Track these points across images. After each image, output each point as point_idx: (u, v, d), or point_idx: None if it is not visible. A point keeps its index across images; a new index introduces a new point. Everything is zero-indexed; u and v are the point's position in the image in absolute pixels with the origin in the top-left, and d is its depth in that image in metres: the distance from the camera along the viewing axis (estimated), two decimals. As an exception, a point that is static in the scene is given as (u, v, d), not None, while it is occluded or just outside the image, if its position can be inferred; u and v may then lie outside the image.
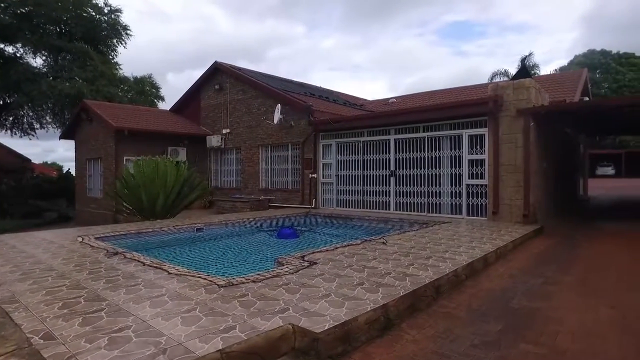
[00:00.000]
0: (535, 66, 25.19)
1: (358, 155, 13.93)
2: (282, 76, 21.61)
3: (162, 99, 31.12)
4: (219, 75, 19.55)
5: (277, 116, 15.74)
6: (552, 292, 5.02)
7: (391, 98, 22.70)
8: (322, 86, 24.50)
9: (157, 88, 31.78)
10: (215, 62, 19.43)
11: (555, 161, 12.77)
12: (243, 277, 4.84)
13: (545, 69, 56.26)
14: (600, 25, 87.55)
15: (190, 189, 13.91)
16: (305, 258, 6.01)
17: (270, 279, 4.83)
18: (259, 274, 5.01)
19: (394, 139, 12.93)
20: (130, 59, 71.38)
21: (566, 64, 56.57)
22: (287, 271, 5.17)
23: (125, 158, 17.43)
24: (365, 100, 24.88)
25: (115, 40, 27.45)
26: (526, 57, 11.27)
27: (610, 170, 45.83)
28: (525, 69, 10.91)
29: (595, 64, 53.28)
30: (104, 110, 17.95)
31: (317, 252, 6.48)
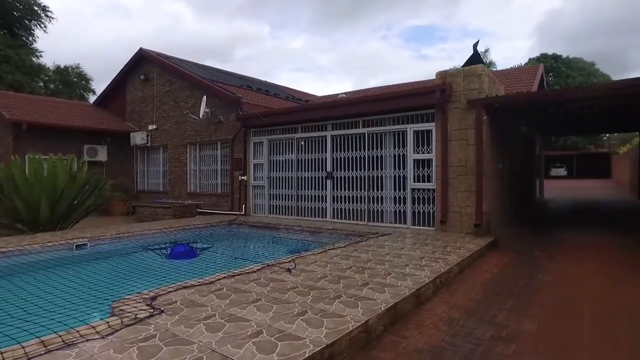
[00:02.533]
0: (492, 64, 24.17)
1: (292, 154, 12.08)
2: (242, 74, 19.52)
3: (94, 92, 28.07)
4: (144, 64, 17.22)
5: (202, 110, 13.65)
6: (505, 358, 3.31)
7: (341, 93, 21.02)
8: (284, 85, 22.60)
9: (87, 80, 28.59)
10: (140, 49, 17.09)
11: (511, 162, 11.38)
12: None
13: (502, 71, 56.54)
14: (552, 35, 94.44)
15: (100, 193, 11.64)
16: (157, 300, 4.07)
17: (55, 351, 2.86)
18: (43, 342, 3.03)
19: (331, 136, 11.16)
20: (94, 55, 67.15)
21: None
22: (98, 333, 3.21)
23: (27, 157, 14.84)
24: (314, 96, 23.11)
25: (32, 23, 24.09)
26: (478, 42, 9.70)
27: (562, 172, 46.29)
28: (478, 55, 9.38)
29: (547, 68, 53.92)
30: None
31: (184, 287, 4.55)
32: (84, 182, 11.10)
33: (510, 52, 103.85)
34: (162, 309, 3.82)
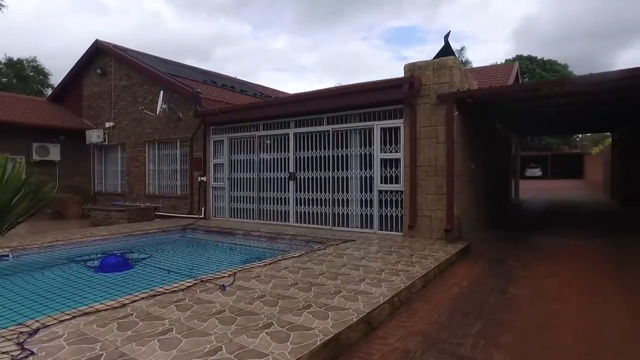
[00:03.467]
0: (467, 62, 23.79)
1: (254, 153, 11.23)
2: (220, 72, 18.48)
3: (52, 87, 26.34)
4: (101, 57, 16.10)
5: (159, 106, 12.69)
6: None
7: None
8: (260, 84, 21.69)
9: (45, 74, 26.90)
10: (96, 40, 15.97)
11: (485, 162, 10.80)
12: None
13: (478, 72, 56.89)
14: (529, 40, 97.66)
15: (37, 196, 10.54)
16: (38, 334, 3.21)
17: None
18: None
19: (294, 134, 10.37)
20: (69, 52, 64.73)
21: (497, 68, 57.40)
22: None
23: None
24: (286, 94, 22.26)
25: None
26: (449, 32, 9.08)
27: (538, 172, 46.56)
28: (449, 47, 8.75)
29: (522, 69, 54.35)
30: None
31: (85, 313, 3.69)
32: (20, 183, 10.01)
33: (488, 54, 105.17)
34: (34, 350, 2.96)
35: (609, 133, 21.53)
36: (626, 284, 5.42)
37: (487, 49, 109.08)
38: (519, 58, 58.44)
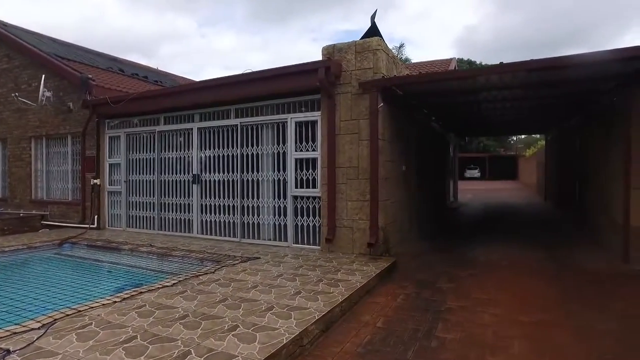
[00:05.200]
0: (407, 60, 23.05)
1: (154, 152, 9.45)
2: (152, 66, 16.11)
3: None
4: (-19, 36, 13.48)
5: (41, 93, 10.52)
6: None
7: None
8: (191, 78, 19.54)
9: None
10: (-25, 16, 13.34)
11: (420, 163, 9.70)
12: None
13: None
14: (470, 48, 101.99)
15: None
16: None
17: None
18: None
19: (198, 129, 8.72)
20: None
21: (438, 70, 58.31)
22: None
23: None
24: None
25: None
26: (375, 12, 7.85)
27: (476, 173, 47.40)
28: (375, 29, 7.48)
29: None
30: None
31: None
32: None
33: (431, 58, 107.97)
34: None
35: (543, 135, 21.54)
36: (577, 316, 4.32)
37: (430, 54, 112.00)
38: (459, 61, 59.75)
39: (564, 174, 13.41)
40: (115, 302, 4.27)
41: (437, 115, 11.17)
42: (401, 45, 26.97)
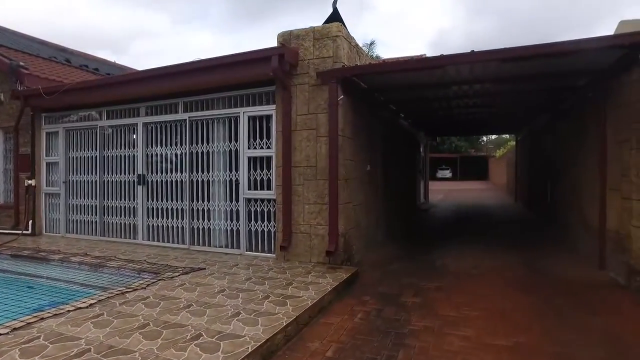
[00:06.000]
0: (377, 58, 22.54)
1: (96, 150, 8.54)
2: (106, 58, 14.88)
3: None
4: None
5: (-32, 83, 9.43)
6: None
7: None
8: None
9: None
10: None
11: (387, 162, 9.12)
12: None
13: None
14: (442, 50, 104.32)
15: None
16: None
17: None
18: None
19: (144, 124, 7.88)
20: None
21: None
22: None
23: None
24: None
25: None
26: (338, -1, 7.27)
27: (448, 174, 47.54)
28: (337, 15, 6.84)
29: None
30: None
31: None
32: None
33: (402, 56, 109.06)
34: None
35: (513, 135, 21.46)
36: (556, 338, 3.77)
37: (403, 54, 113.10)
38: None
39: (535, 174, 13.13)
40: (1, 334, 3.45)
41: (406, 112, 10.64)
42: (372, 43, 26.37)
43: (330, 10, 7.35)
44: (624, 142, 5.30)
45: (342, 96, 6.02)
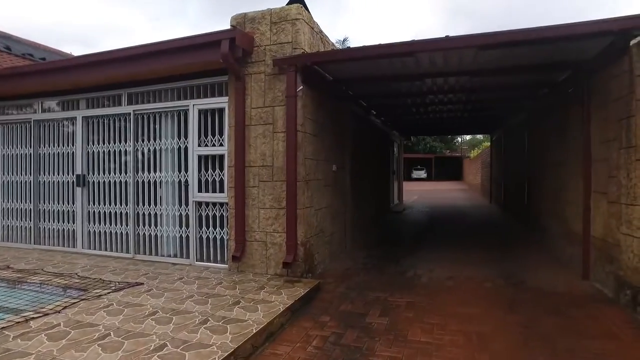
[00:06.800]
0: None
1: (30, 147, 7.61)
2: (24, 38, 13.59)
3: None
4: None
5: None
6: None
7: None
8: None
9: None
10: None
11: (358, 162, 8.50)
12: None
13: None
14: None
15: None
16: None
17: None
18: None
19: (84, 118, 7.02)
20: None
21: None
22: None
23: None
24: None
25: None
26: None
27: (423, 174, 47.44)
28: (300, -2, 6.11)
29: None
30: None
31: None
32: None
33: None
34: None
35: (488, 135, 21.24)
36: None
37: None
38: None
39: (512, 175, 12.75)
40: None
41: (378, 109, 10.04)
42: (345, 40, 25.93)
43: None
44: (612, 140, 4.79)
45: (302, 87, 5.33)
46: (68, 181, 7.19)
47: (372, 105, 9.35)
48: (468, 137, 56.98)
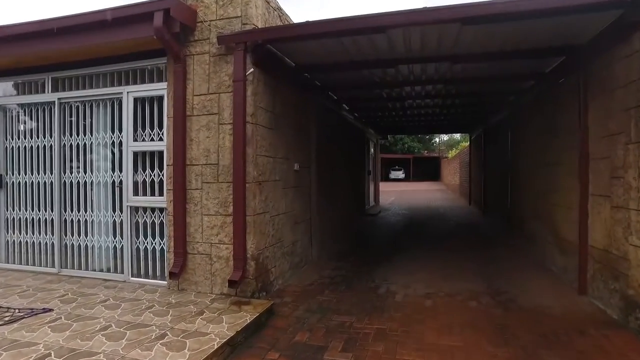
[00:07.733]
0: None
1: (-57, 141, 6.48)
2: None
3: None
4: None
5: None
6: None
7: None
8: None
9: None
10: None
11: (326, 161, 7.66)
12: None
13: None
14: None
15: None
16: None
17: None
18: None
19: (1, 107, 5.96)
20: None
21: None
22: None
23: None
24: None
25: None
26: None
27: (401, 174, 46.99)
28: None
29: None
30: None
31: None
32: None
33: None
34: None
35: (467, 134, 20.73)
36: None
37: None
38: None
39: (493, 176, 12.12)
40: None
41: (351, 103, 9.22)
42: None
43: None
44: (616, 134, 4.07)
45: (252, 69, 4.45)
46: (-15, 182, 6.11)
47: (343, 98, 8.52)
48: (446, 137, 57.04)
